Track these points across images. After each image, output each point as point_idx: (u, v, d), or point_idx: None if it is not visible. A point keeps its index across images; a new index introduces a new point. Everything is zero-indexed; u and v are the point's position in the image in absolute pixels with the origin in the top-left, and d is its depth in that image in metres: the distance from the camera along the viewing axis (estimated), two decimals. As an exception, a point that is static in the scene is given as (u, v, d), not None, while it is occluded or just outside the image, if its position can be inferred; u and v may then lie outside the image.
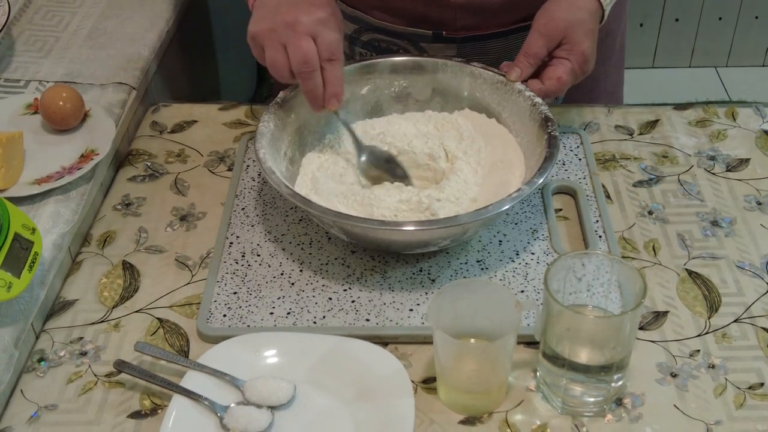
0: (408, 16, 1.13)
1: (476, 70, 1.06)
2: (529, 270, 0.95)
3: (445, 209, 0.94)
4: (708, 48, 2.82)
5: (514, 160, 1.01)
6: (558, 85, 1.00)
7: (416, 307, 0.92)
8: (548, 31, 1.00)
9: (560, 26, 0.99)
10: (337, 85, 0.94)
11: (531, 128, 1.00)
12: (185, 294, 0.95)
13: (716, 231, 1.01)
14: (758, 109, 1.18)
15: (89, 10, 1.32)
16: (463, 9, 1.10)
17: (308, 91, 0.94)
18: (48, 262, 0.94)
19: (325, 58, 0.93)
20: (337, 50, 0.93)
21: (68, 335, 0.92)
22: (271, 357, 0.86)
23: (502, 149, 1.02)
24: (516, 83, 1.02)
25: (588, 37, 1.00)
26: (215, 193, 1.08)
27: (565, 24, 0.99)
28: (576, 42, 0.99)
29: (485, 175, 1.00)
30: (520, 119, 1.02)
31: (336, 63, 0.94)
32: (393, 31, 1.14)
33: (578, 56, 0.99)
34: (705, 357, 0.88)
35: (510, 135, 1.04)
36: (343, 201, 0.96)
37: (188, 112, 1.21)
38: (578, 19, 1.00)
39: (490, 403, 0.83)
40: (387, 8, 1.13)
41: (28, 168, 1.03)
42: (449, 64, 1.07)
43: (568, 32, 0.99)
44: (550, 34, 1.00)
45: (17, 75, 1.19)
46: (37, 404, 0.85)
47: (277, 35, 0.92)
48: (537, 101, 1.00)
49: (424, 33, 1.13)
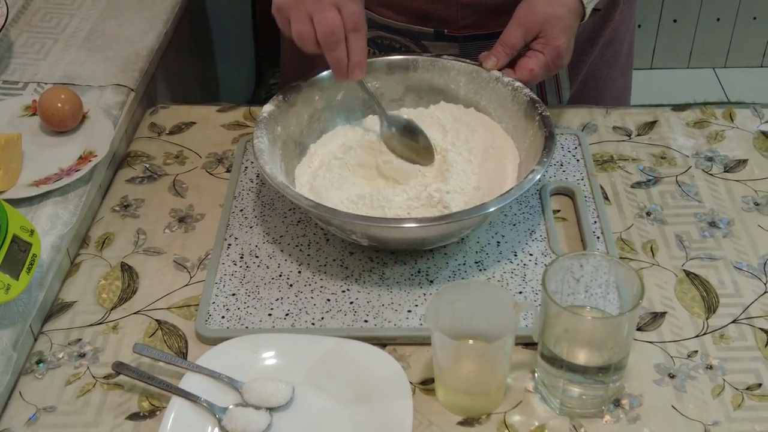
0: (411, 14, 1.14)
1: (448, 63, 1.07)
2: (527, 271, 0.96)
3: (455, 201, 0.95)
4: (706, 49, 2.82)
5: (504, 145, 1.03)
6: (529, 76, 1.02)
7: (414, 308, 0.92)
8: (526, 22, 1.01)
9: (538, 19, 1.01)
10: (361, 54, 0.97)
11: (516, 112, 1.02)
12: (184, 295, 0.95)
13: (714, 232, 1.01)
14: (756, 110, 1.18)
15: (87, 12, 1.32)
16: (466, 7, 1.12)
17: (334, 61, 0.96)
18: (46, 263, 0.94)
19: (349, 28, 0.95)
20: (360, 21, 0.96)
21: (67, 337, 0.92)
22: (269, 358, 0.86)
23: (490, 136, 1.04)
24: (492, 71, 1.04)
25: (564, 33, 1.01)
26: (214, 194, 1.08)
27: (544, 17, 1.01)
28: (552, 36, 1.01)
29: (479, 163, 1.01)
30: (501, 105, 1.04)
31: (360, 34, 0.96)
32: (396, 28, 1.15)
33: (552, 51, 1.01)
34: (703, 358, 0.88)
35: (493, 122, 1.05)
36: (352, 206, 0.96)
37: (186, 113, 1.21)
38: (557, 14, 1.01)
39: (488, 404, 0.83)
40: (391, 5, 1.14)
41: (27, 170, 1.03)
42: (419, 60, 1.08)
43: (545, 26, 1.01)
44: (528, 25, 1.01)
45: (15, 77, 1.19)
46: (36, 406, 0.85)
47: (303, 6, 0.94)
48: (518, 86, 1.02)
49: (427, 31, 1.14)
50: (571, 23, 1.02)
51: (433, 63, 1.08)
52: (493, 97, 1.05)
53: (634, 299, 0.78)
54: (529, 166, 0.95)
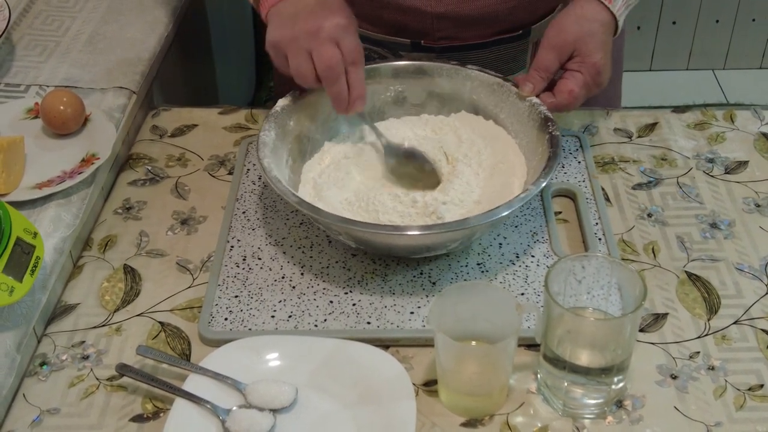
0: (387, 25, 1.13)
1: (472, 73, 1.06)
2: (529, 273, 0.96)
3: (450, 212, 0.94)
4: (705, 50, 2.82)
5: (515, 161, 1.01)
6: (570, 98, 0.99)
7: (417, 310, 0.92)
8: (558, 43, 0.99)
9: (570, 38, 0.99)
10: (360, 88, 0.96)
11: (530, 129, 1.00)
12: (186, 297, 0.96)
13: (715, 233, 1.01)
14: (756, 112, 1.19)
15: (89, 14, 1.32)
16: (441, 19, 1.10)
17: (335, 95, 0.96)
18: (49, 266, 0.94)
19: (349, 62, 0.95)
20: (359, 55, 0.96)
21: (70, 339, 0.92)
22: (272, 360, 0.87)
23: (502, 151, 1.03)
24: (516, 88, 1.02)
25: (600, 48, 0.99)
26: (216, 196, 1.08)
27: (575, 36, 0.99)
28: (587, 54, 0.99)
29: (487, 177, 1.00)
30: (518, 120, 1.03)
31: (359, 67, 0.96)
32: (373, 39, 1.14)
33: (590, 68, 0.99)
34: (705, 359, 0.88)
35: (509, 136, 1.04)
36: (348, 207, 0.96)
37: (188, 116, 1.22)
38: (589, 30, 0.99)
39: (491, 406, 0.84)
40: (367, 16, 1.12)
41: (29, 172, 1.03)
42: (445, 67, 1.07)
43: (579, 44, 0.99)
44: (560, 46, 0.99)
45: (18, 80, 1.19)
46: (39, 408, 0.85)
47: (300, 43, 0.94)
48: (535, 102, 1.01)
49: (403, 42, 1.13)
50: (605, 38, 1.00)
51: (457, 72, 1.07)
52: (511, 111, 1.04)
53: (636, 300, 0.78)
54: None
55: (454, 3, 1.09)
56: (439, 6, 1.09)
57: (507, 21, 1.11)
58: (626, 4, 1.02)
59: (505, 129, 1.05)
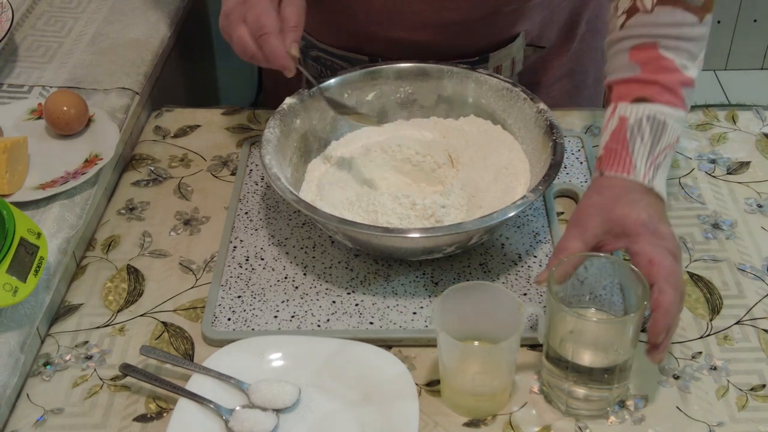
0: (346, 43, 1.14)
1: (481, 77, 1.06)
2: (531, 273, 0.96)
3: (450, 216, 0.94)
4: (707, 51, 2.81)
5: (519, 167, 1.01)
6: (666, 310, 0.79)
7: (420, 310, 0.92)
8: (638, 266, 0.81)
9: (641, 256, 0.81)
10: (277, 53, 0.94)
11: (536, 135, 1.00)
12: (190, 298, 0.96)
13: (717, 234, 1.02)
14: (758, 113, 1.19)
15: (92, 15, 1.33)
16: (393, 44, 1.10)
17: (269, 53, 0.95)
18: (53, 266, 0.94)
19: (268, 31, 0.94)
20: (271, 23, 0.94)
21: (73, 339, 0.92)
22: (275, 360, 0.87)
23: (508, 156, 1.03)
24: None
25: (662, 236, 0.83)
26: (219, 197, 1.08)
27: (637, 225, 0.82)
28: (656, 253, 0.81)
29: (490, 181, 1.00)
30: (525, 126, 1.03)
31: (271, 36, 0.94)
32: (335, 54, 1.15)
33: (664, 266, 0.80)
34: (707, 359, 0.88)
35: (515, 142, 1.04)
36: (349, 208, 0.96)
37: (191, 116, 1.22)
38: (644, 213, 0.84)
39: (494, 406, 0.84)
40: (329, 31, 1.13)
41: (33, 173, 1.03)
42: (455, 70, 1.07)
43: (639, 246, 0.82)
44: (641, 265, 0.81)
45: (21, 80, 1.20)
46: (43, 408, 0.86)
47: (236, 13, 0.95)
48: (542, 108, 1.01)
49: (362, 59, 1.14)
50: (661, 217, 0.85)
51: (467, 75, 1.07)
52: (519, 116, 1.04)
53: (638, 301, 0.78)
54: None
55: (406, 30, 1.08)
56: (392, 31, 1.09)
57: (462, 46, 1.10)
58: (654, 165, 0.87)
59: (512, 134, 1.05)
